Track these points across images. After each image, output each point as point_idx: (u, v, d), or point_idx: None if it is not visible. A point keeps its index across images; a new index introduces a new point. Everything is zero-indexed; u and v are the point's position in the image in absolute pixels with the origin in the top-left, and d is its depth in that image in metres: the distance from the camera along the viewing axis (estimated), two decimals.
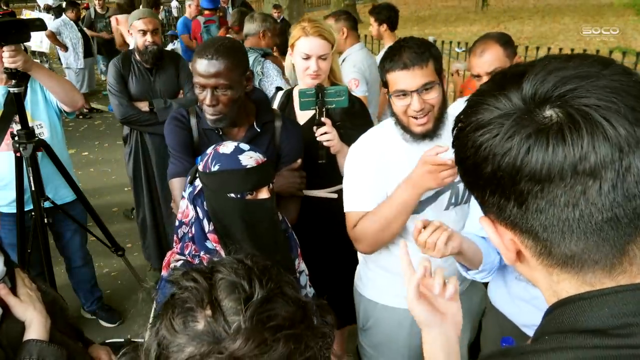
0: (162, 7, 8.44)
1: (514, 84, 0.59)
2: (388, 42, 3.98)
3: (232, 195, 1.35)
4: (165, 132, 1.93)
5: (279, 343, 0.71)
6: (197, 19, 6.71)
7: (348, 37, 3.52)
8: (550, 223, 0.56)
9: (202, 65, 1.69)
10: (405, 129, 1.65)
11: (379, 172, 1.70)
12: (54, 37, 7.37)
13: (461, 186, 1.76)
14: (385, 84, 1.66)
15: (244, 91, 1.80)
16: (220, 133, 1.85)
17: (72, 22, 7.66)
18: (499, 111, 0.58)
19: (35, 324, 1.30)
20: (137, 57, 3.27)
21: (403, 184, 1.61)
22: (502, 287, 1.73)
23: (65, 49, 7.59)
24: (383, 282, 1.88)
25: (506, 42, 2.24)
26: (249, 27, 3.45)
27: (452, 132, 0.66)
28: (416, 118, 1.60)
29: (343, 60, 3.55)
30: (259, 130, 1.86)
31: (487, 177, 0.59)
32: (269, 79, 3.14)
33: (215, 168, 1.35)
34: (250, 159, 1.36)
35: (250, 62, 3.13)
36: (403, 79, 1.57)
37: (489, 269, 1.59)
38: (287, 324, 0.73)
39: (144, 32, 3.17)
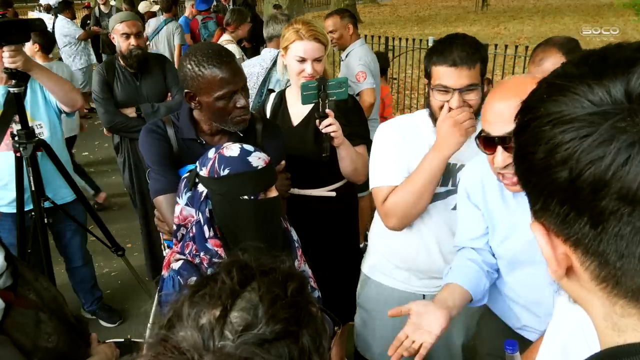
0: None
1: (618, 73, 0.47)
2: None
3: (245, 197, 1.34)
4: (140, 145, 1.81)
5: None
6: (196, 18, 6.81)
7: (353, 33, 3.66)
8: (630, 252, 0.46)
9: (227, 71, 1.66)
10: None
11: (404, 152, 1.75)
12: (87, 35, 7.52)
13: None
14: (427, 75, 1.67)
15: None
16: (204, 142, 1.80)
17: (72, 21, 7.65)
18: (593, 106, 0.47)
19: None
20: (121, 62, 3.18)
21: (429, 152, 1.66)
22: (496, 290, 1.72)
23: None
24: (380, 259, 1.96)
25: (570, 50, 2.03)
26: (275, 28, 3.29)
27: (516, 119, 0.56)
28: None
29: (346, 56, 3.65)
30: (241, 135, 1.82)
31: (559, 183, 0.49)
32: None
33: (225, 172, 1.33)
34: (259, 159, 1.36)
35: None
36: (449, 75, 1.58)
37: (480, 298, 1.59)
38: None
39: (127, 36, 3.09)
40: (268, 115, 2.30)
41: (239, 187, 1.34)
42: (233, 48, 4.25)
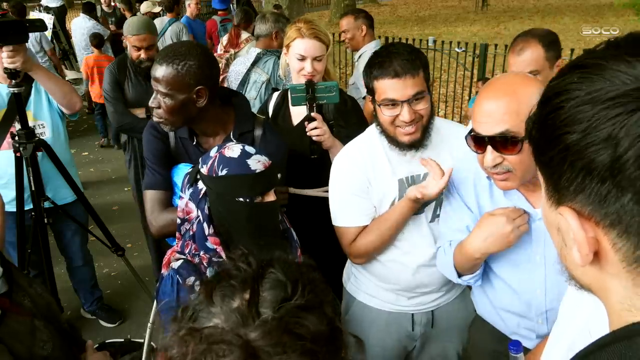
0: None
1: None
2: None
3: (241, 199, 1.34)
4: (142, 140, 1.89)
5: (295, 352, 0.71)
6: (213, 19, 6.75)
7: (366, 34, 3.58)
8: None
9: (154, 70, 1.67)
10: (392, 139, 1.63)
11: (366, 185, 1.71)
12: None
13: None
14: (370, 92, 1.62)
15: (194, 104, 1.68)
16: (195, 142, 1.81)
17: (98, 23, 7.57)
18: (638, 81, 0.47)
19: None
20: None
21: (403, 200, 1.64)
22: (484, 297, 1.69)
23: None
24: (362, 279, 1.90)
25: (551, 42, 2.08)
26: (261, 27, 3.29)
27: (544, 103, 0.55)
28: (404, 128, 1.58)
29: (359, 57, 3.61)
30: (234, 140, 1.79)
31: (600, 161, 0.48)
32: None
33: (223, 172, 1.34)
34: (258, 162, 1.35)
35: (270, 66, 3.04)
36: (393, 88, 1.52)
37: (480, 271, 1.54)
38: (310, 338, 0.73)
39: (138, 49, 3.07)
40: (270, 114, 2.30)
41: (236, 188, 1.34)
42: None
